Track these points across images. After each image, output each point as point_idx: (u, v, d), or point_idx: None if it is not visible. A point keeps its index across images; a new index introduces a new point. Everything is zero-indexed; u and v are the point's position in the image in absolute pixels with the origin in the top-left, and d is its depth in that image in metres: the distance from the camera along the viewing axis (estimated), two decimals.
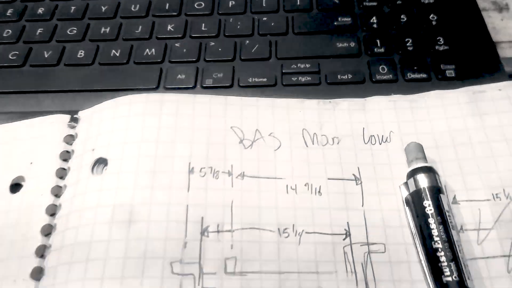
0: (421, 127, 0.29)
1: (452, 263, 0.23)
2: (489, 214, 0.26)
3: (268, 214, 0.26)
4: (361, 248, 0.25)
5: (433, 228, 0.24)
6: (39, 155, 0.29)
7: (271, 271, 0.24)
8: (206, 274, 0.24)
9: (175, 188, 0.26)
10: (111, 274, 0.24)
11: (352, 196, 0.27)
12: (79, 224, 0.26)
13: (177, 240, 0.25)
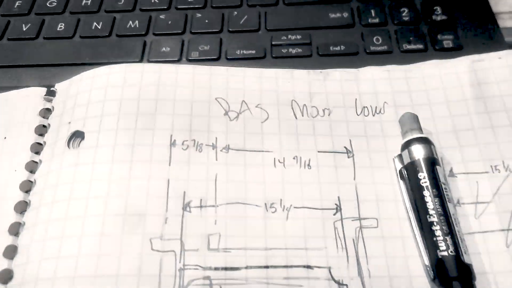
0: (416, 98, 0.28)
1: (448, 237, 0.22)
2: (488, 187, 0.25)
3: (254, 188, 0.25)
4: (352, 223, 0.24)
5: (428, 201, 0.23)
6: (13, 130, 0.28)
7: (257, 248, 0.23)
8: (187, 251, 0.23)
9: (156, 162, 0.25)
10: (87, 251, 0.23)
11: (343, 169, 0.26)
12: (54, 200, 0.24)
13: (157, 216, 0.24)
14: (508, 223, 0.24)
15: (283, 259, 0.23)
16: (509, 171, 0.25)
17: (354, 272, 0.23)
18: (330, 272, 0.23)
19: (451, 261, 0.22)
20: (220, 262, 0.23)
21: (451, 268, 0.22)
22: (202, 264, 0.23)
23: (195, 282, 0.22)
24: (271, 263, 0.23)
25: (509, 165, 0.25)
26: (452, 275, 0.22)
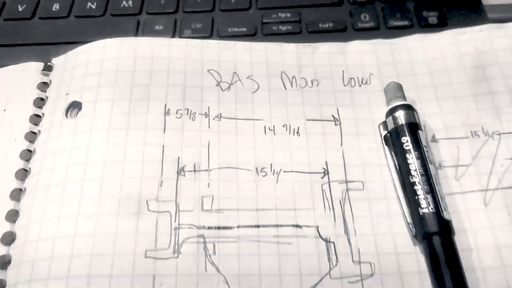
0: (401, 69, 0.29)
1: (428, 196, 0.24)
2: (467, 151, 0.26)
3: (245, 154, 0.26)
4: (339, 186, 0.26)
5: (411, 163, 0.25)
6: (12, 103, 0.29)
7: (248, 208, 0.25)
8: (182, 211, 0.25)
9: (151, 129, 0.27)
10: (86, 211, 0.24)
11: (331, 136, 0.27)
12: (53, 166, 0.26)
13: (153, 179, 0.25)
14: (486, 184, 0.26)
15: (273, 219, 0.25)
16: (488, 136, 0.27)
17: (341, 230, 0.25)
18: (318, 230, 0.25)
19: (432, 217, 0.23)
20: (213, 222, 0.24)
21: (432, 223, 0.23)
22: (196, 224, 0.24)
23: (189, 240, 0.24)
24: (262, 222, 0.25)
25: (488, 131, 0.27)
26: (432, 231, 0.23)
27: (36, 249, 0.23)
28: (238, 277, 0.23)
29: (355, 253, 0.24)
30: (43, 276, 0.23)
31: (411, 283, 0.24)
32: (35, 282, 0.22)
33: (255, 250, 0.24)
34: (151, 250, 0.23)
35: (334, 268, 0.24)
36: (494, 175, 0.26)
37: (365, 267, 0.24)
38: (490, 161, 0.26)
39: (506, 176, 0.26)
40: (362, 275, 0.24)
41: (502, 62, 0.29)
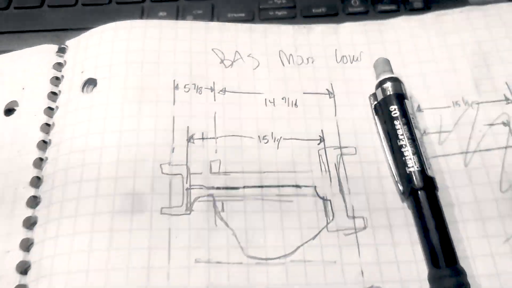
0: (389, 47, 0.32)
1: (414, 156, 0.27)
2: (450, 119, 0.30)
3: (248, 124, 0.29)
4: (334, 151, 0.29)
5: (399, 128, 0.28)
6: (30, 82, 0.32)
7: (252, 171, 0.28)
8: (193, 174, 0.27)
9: (162, 102, 0.29)
10: (105, 175, 0.27)
11: (326, 107, 0.30)
12: (73, 136, 0.28)
13: (165, 146, 0.28)
14: (466, 147, 0.29)
15: (275, 180, 0.28)
16: (468, 105, 0.30)
17: (336, 190, 0.28)
18: (315, 190, 0.28)
19: (417, 174, 0.27)
20: (221, 183, 0.27)
21: (417, 180, 0.26)
22: (205, 185, 0.27)
23: (200, 199, 0.27)
24: (265, 183, 0.28)
25: (467, 101, 0.30)
26: (418, 186, 0.26)
27: (63, 192, 0.26)
28: (245, 231, 0.26)
29: (349, 209, 0.27)
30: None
31: (399, 235, 0.27)
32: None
33: (260, 207, 0.27)
34: (166, 208, 0.26)
35: (331, 222, 0.27)
36: (473, 139, 0.29)
37: (358, 221, 0.27)
38: (470, 127, 0.29)
39: (484, 140, 0.29)
40: (356, 228, 0.27)
41: (480, 40, 0.32)
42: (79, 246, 0.25)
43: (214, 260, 0.25)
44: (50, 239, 0.26)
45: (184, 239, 0.25)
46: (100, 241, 0.25)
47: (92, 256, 0.25)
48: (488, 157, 0.28)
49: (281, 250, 0.26)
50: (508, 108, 0.29)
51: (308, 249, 0.26)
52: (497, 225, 0.26)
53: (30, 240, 0.26)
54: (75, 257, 0.25)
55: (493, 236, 0.26)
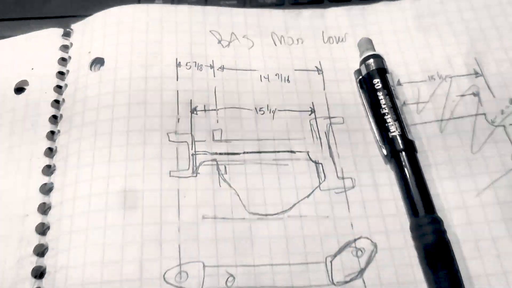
0: (371, 29, 0.36)
1: (396, 122, 0.31)
2: (426, 91, 0.33)
3: (245, 97, 0.32)
4: (324, 121, 0.32)
5: (381, 99, 0.31)
6: (38, 62, 0.34)
7: (251, 139, 0.31)
8: (197, 142, 0.30)
9: (166, 77, 0.32)
10: (117, 143, 0.29)
11: (315, 83, 0.34)
12: (84, 109, 0.31)
13: (171, 117, 0.31)
14: (441, 115, 0.32)
15: (271, 146, 0.31)
16: (442, 79, 0.34)
17: (327, 154, 0.31)
18: (308, 155, 0.31)
19: (399, 138, 0.30)
20: (223, 149, 0.30)
21: (399, 143, 0.30)
22: (209, 151, 0.30)
23: (205, 163, 0.30)
24: (263, 149, 0.31)
25: (442, 75, 0.34)
26: (399, 148, 0.30)
27: (78, 158, 0.29)
28: (246, 191, 0.29)
29: (339, 171, 0.30)
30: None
31: (384, 192, 0.30)
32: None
33: (259, 170, 0.30)
34: (174, 171, 0.29)
35: (323, 183, 0.30)
36: (447, 109, 0.33)
37: (347, 181, 0.30)
38: (444, 98, 0.33)
39: (457, 109, 0.32)
40: (345, 188, 0.30)
41: (452, 21, 0.36)
42: (96, 206, 0.28)
43: (220, 216, 0.28)
44: (68, 201, 0.28)
45: (192, 198, 0.28)
46: (115, 200, 0.28)
47: (108, 215, 0.27)
48: (461, 124, 0.32)
49: (279, 207, 0.29)
50: (477, 80, 0.33)
51: (303, 206, 0.29)
52: (469, 182, 0.30)
53: (47, 204, 0.29)
54: (93, 215, 0.27)
55: (465, 191, 0.30)
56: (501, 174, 0.30)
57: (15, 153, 0.31)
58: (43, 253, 0.28)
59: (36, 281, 0.27)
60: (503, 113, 0.32)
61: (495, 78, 0.33)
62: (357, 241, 0.28)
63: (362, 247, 0.28)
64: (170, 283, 0.26)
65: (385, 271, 0.28)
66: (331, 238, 0.28)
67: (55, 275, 0.27)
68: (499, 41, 0.35)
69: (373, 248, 0.28)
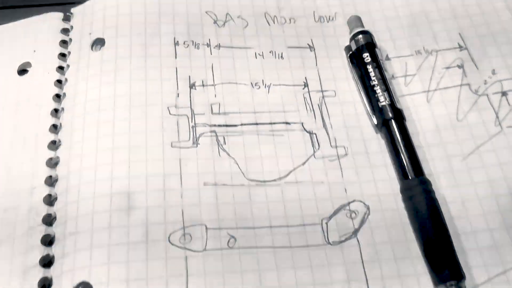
0: (359, 8, 0.38)
1: (385, 93, 0.32)
2: (413, 65, 0.35)
3: (241, 73, 0.34)
4: (317, 94, 0.34)
5: (371, 71, 0.33)
6: (40, 44, 0.36)
7: (248, 111, 0.33)
8: (197, 114, 0.32)
9: (164, 56, 0.34)
10: (120, 117, 0.31)
11: (308, 59, 0.35)
12: (86, 88, 0.32)
13: (171, 92, 0.32)
14: (428, 87, 0.34)
15: (268, 118, 0.33)
16: (428, 53, 0.36)
17: (320, 125, 0.33)
18: (303, 125, 0.33)
19: (388, 107, 0.32)
20: (221, 121, 0.32)
21: (388, 112, 0.32)
22: (208, 123, 0.32)
23: (204, 134, 0.31)
24: (259, 121, 0.32)
25: (428, 49, 0.36)
26: (389, 117, 0.32)
27: (83, 133, 0.30)
28: (244, 159, 0.31)
29: (332, 140, 0.32)
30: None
31: (375, 159, 0.32)
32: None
33: (256, 141, 0.32)
34: (175, 142, 0.31)
35: (317, 151, 0.32)
36: (434, 80, 0.34)
37: (340, 150, 0.32)
38: (430, 71, 0.35)
39: (442, 80, 0.34)
40: (338, 155, 0.32)
41: None
42: (102, 175, 0.29)
43: (220, 183, 0.30)
44: (74, 172, 0.30)
45: (193, 167, 0.30)
46: (120, 170, 0.29)
47: (114, 183, 0.29)
48: (446, 94, 0.34)
49: (276, 174, 0.31)
50: (461, 53, 0.35)
51: (299, 172, 0.31)
52: (455, 148, 0.32)
53: (53, 177, 0.30)
54: (99, 184, 0.29)
55: (452, 156, 0.32)
56: (485, 140, 0.32)
57: (21, 131, 0.32)
58: (51, 222, 0.29)
59: (46, 248, 0.28)
60: (486, 83, 0.34)
61: (478, 51, 0.35)
62: (351, 204, 0.30)
63: (355, 209, 0.30)
64: (174, 244, 0.28)
65: (377, 231, 0.29)
66: (326, 202, 0.30)
67: (64, 241, 0.28)
68: (481, 16, 0.37)
69: (366, 210, 0.30)
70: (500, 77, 0.34)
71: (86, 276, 0.27)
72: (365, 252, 0.29)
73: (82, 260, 0.27)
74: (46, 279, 0.28)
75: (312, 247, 0.29)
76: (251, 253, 0.28)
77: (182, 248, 0.28)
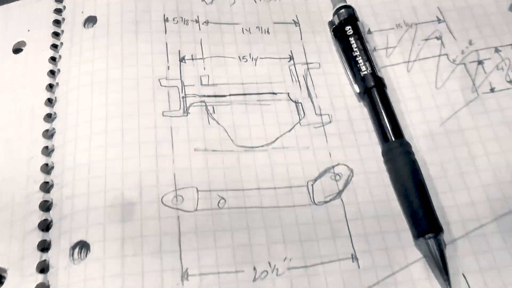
0: None
1: (367, 63, 0.34)
2: (394, 38, 0.37)
3: (229, 47, 0.36)
4: (302, 66, 0.36)
5: (353, 43, 0.35)
6: (34, 24, 0.37)
7: (235, 83, 0.34)
8: (186, 86, 0.34)
9: (155, 32, 0.35)
10: (112, 89, 0.33)
11: (293, 34, 0.37)
12: (80, 61, 0.34)
13: (162, 65, 0.34)
14: (408, 58, 0.36)
15: (255, 89, 0.34)
16: (408, 26, 0.37)
17: (305, 95, 0.35)
18: (288, 95, 0.34)
19: (370, 76, 0.34)
20: (211, 92, 0.34)
21: (370, 80, 0.34)
22: (198, 93, 0.33)
23: (194, 104, 0.33)
24: (247, 91, 0.34)
25: (408, 23, 0.38)
26: (370, 85, 0.33)
27: (77, 104, 0.32)
28: (233, 127, 0.33)
29: (317, 108, 0.34)
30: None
31: (358, 126, 0.34)
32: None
33: (244, 110, 0.33)
34: (167, 111, 0.32)
35: (303, 119, 0.34)
36: (413, 51, 0.36)
37: (324, 117, 0.34)
38: (410, 42, 0.37)
39: (421, 51, 0.36)
40: (323, 123, 0.34)
41: None
42: (96, 143, 0.31)
43: (210, 149, 0.32)
44: (70, 142, 0.31)
45: (184, 134, 0.32)
46: (114, 137, 0.31)
47: (108, 150, 0.31)
48: (425, 64, 0.36)
49: (263, 140, 0.32)
50: (440, 26, 0.37)
51: (285, 139, 0.33)
52: (434, 113, 0.34)
53: (50, 148, 0.32)
54: (94, 152, 0.31)
55: (431, 121, 0.34)
56: (462, 105, 0.34)
57: (18, 105, 0.34)
58: (49, 189, 0.31)
59: (44, 214, 0.30)
60: (463, 53, 0.36)
61: (456, 23, 0.37)
62: (335, 167, 0.32)
63: (339, 172, 0.32)
64: (167, 205, 0.29)
65: (360, 192, 0.31)
66: (312, 165, 0.32)
67: (61, 205, 0.29)
68: None
69: (349, 173, 0.32)
70: (476, 47, 0.36)
71: (83, 236, 0.28)
72: (349, 211, 0.30)
73: (79, 221, 0.29)
74: (45, 242, 0.29)
75: (299, 207, 0.30)
76: (240, 212, 0.30)
77: (174, 209, 0.29)
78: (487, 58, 0.36)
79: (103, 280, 0.27)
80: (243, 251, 0.29)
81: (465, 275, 0.29)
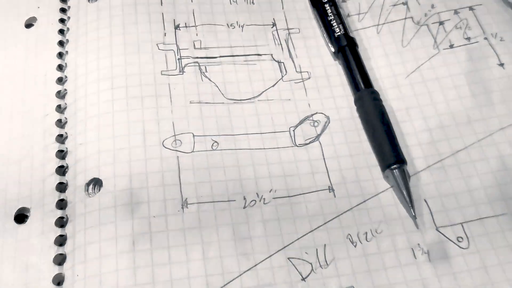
0: None
1: (340, 25, 0.40)
2: (365, 4, 0.42)
3: (219, 17, 0.41)
4: (283, 32, 0.41)
5: (328, 9, 0.41)
6: (43, 2, 0.43)
7: (225, 46, 0.40)
8: (181, 49, 0.39)
9: (152, 4, 0.40)
10: (116, 52, 0.38)
11: (275, 3, 0.42)
12: (86, 31, 0.39)
13: (158, 32, 0.39)
14: (378, 21, 0.42)
15: (242, 51, 0.40)
16: None
17: (287, 56, 0.40)
18: (272, 56, 0.40)
19: (342, 36, 0.39)
20: (203, 54, 0.39)
21: (343, 39, 0.39)
22: (192, 55, 0.39)
23: (189, 65, 0.38)
24: (235, 53, 0.39)
25: None
26: (343, 44, 0.39)
27: (86, 68, 0.37)
28: (223, 83, 0.38)
29: (297, 67, 0.39)
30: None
31: (334, 80, 0.39)
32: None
33: (233, 69, 0.39)
34: (165, 71, 0.38)
35: (285, 76, 0.39)
36: (383, 16, 0.42)
37: (304, 74, 0.39)
38: (380, 8, 0.42)
39: (390, 15, 0.42)
40: (303, 78, 0.39)
41: None
42: (104, 98, 0.36)
43: (204, 101, 0.37)
44: (80, 99, 0.37)
45: (180, 89, 0.37)
46: (120, 93, 0.36)
47: (115, 103, 0.36)
48: (393, 26, 0.41)
49: (250, 94, 0.38)
50: None
51: (270, 92, 0.38)
52: (400, 68, 0.39)
53: (62, 106, 0.37)
54: (102, 105, 0.36)
55: (398, 74, 0.39)
56: (425, 60, 0.39)
57: (31, 71, 0.39)
58: (63, 141, 0.36)
59: (60, 161, 0.35)
60: (426, 15, 0.41)
61: None
62: (314, 115, 0.37)
63: (318, 119, 0.37)
64: (167, 147, 0.35)
65: (336, 135, 0.36)
66: (293, 114, 0.37)
67: (76, 152, 0.35)
68: None
69: (326, 120, 0.37)
70: (438, 10, 0.41)
71: (96, 174, 0.33)
72: (326, 151, 0.36)
73: (92, 162, 0.34)
74: (62, 184, 0.34)
75: (282, 148, 0.36)
76: (231, 153, 0.35)
77: (174, 150, 0.35)
78: (447, 19, 0.41)
79: (115, 209, 0.32)
80: (234, 184, 0.34)
81: (427, 200, 0.34)
